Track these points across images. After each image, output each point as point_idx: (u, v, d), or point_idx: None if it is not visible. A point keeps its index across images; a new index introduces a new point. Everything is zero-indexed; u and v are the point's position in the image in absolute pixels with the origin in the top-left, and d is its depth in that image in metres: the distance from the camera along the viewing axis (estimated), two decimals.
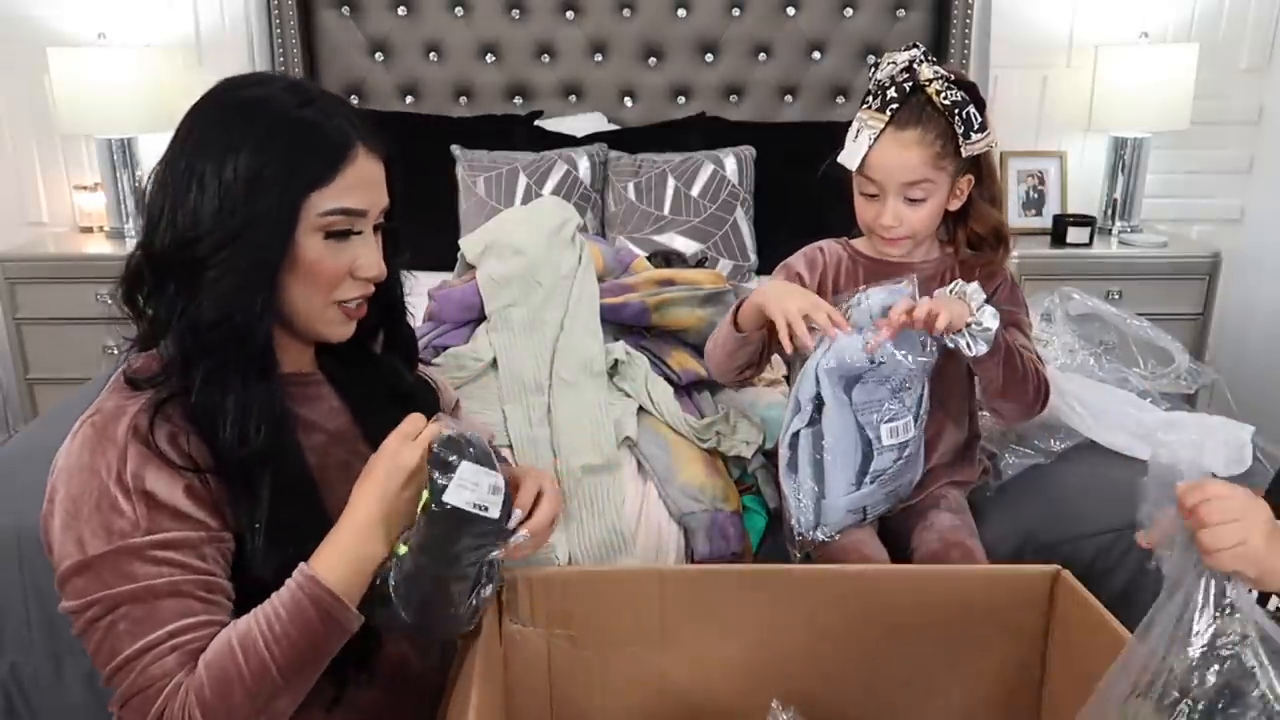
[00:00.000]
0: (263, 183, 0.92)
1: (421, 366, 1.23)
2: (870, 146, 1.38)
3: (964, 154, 1.39)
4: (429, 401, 1.17)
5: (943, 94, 1.37)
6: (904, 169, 1.38)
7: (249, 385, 0.94)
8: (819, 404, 1.33)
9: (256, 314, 0.93)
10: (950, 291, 1.33)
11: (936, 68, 1.40)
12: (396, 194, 1.04)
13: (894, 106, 1.38)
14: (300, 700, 0.91)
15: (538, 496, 1.00)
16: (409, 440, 0.92)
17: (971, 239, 1.49)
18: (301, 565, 0.90)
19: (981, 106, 1.40)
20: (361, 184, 0.98)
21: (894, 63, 1.41)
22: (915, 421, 1.37)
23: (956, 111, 1.37)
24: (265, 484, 0.94)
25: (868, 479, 1.36)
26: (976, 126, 1.38)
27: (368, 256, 1.00)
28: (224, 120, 0.94)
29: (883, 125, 1.38)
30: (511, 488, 0.96)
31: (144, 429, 0.91)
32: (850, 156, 1.41)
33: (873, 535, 1.45)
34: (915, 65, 1.39)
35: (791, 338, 1.32)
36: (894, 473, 1.38)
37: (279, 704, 0.89)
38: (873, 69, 1.47)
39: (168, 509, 0.90)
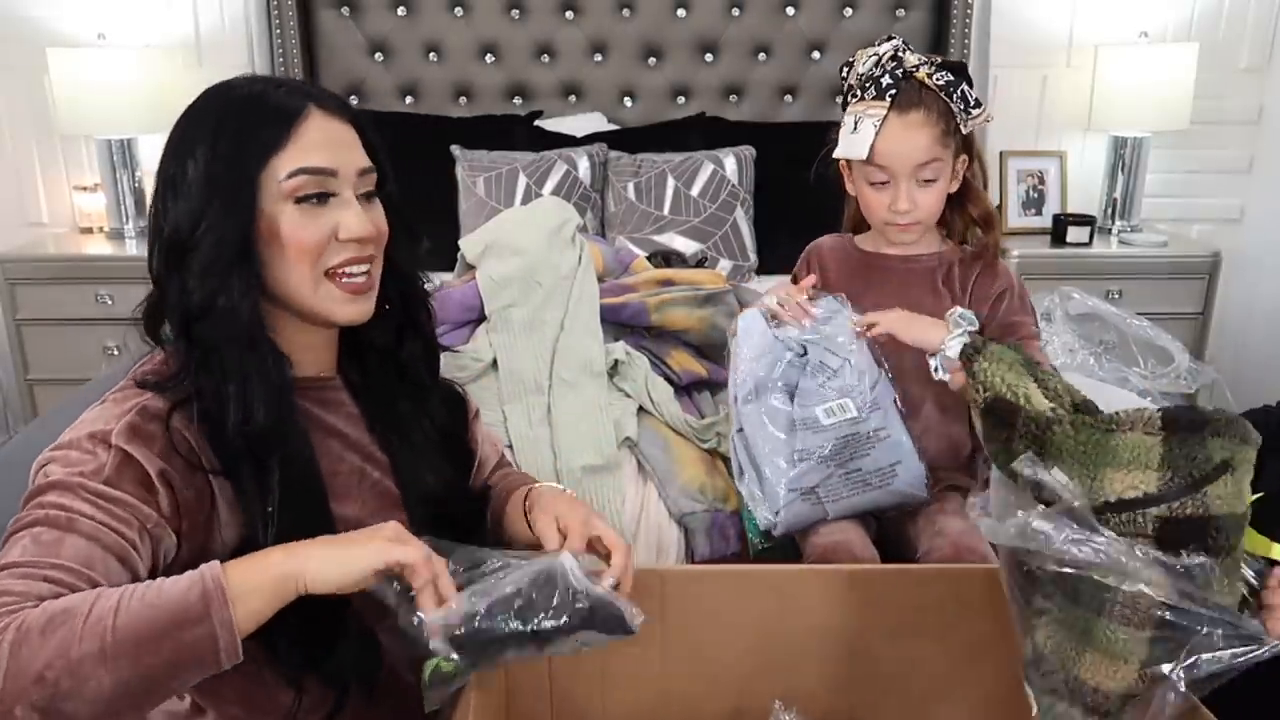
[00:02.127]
0: (219, 164, 0.92)
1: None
2: (877, 134, 1.39)
3: (965, 130, 1.41)
4: (455, 420, 1.15)
5: (934, 76, 1.40)
6: (915, 150, 1.39)
7: (244, 361, 0.92)
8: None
9: (239, 293, 0.91)
10: (946, 316, 1.34)
11: (918, 55, 1.42)
12: (382, 161, 1.01)
13: (892, 92, 1.39)
14: (119, 705, 0.75)
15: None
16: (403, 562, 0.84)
17: (965, 224, 1.51)
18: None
19: (970, 84, 1.43)
20: (323, 143, 0.95)
21: (876, 55, 1.43)
22: (865, 408, 1.39)
23: (951, 91, 1.40)
24: (275, 469, 0.92)
25: (797, 456, 1.39)
26: (973, 103, 1.41)
27: (350, 217, 0.95)
28: (188, 119, 0.96)
29: (885, 111, 1.39)
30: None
31: (151, 409, 0.90)
32: (856, 147, 1.41)
33: (863, 536, 1.44)
34: (900, 54, 1.42)
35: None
36: (836, 451, 1.40)
37: (90, 679, 0.73)
38: (846, 68, 1.49)
39: (139, 478, 0.88)
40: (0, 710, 0.73)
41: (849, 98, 1.47)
